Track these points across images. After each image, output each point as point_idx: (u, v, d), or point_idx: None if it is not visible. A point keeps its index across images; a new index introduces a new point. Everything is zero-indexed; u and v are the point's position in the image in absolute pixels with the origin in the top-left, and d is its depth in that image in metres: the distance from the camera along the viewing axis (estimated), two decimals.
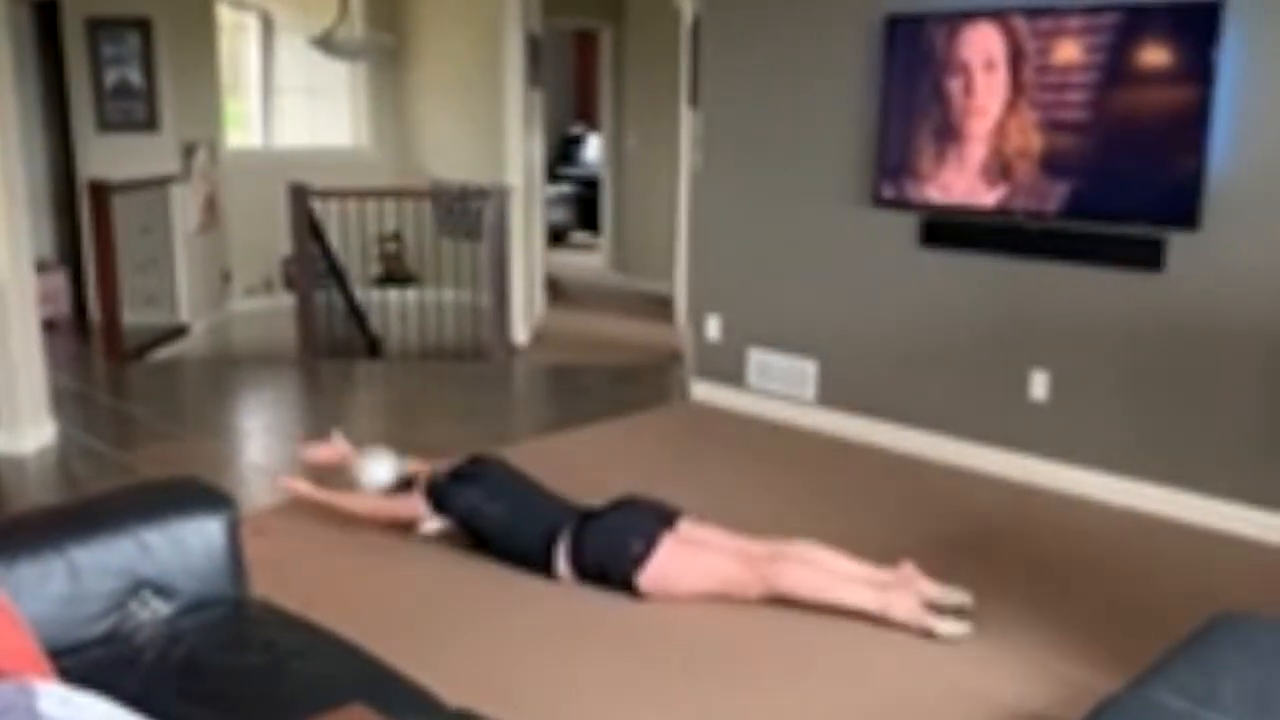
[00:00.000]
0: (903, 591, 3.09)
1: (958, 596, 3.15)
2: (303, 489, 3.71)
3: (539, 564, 3.32)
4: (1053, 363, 4.24)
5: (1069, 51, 3.97)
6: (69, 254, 7.39)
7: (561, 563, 3.29)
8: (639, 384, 5.92)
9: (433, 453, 4.54)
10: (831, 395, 4.93)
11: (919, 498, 4.15)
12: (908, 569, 3.17)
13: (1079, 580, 3.46)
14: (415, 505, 3.51)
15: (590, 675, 2.82)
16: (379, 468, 3.69)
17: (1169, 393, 3.97)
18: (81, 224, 6.97)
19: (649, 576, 3.17)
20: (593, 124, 11.26)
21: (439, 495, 3.47)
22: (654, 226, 8.60)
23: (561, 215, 11.11)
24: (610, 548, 3.22)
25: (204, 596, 2.16)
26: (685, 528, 3.30)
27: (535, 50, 7.02)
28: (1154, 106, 3.82)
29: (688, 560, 3.19)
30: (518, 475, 3.56)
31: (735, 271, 5.26)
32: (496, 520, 3.40)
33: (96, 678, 1.70)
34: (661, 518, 3.29)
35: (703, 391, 5.45)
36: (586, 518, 3.33)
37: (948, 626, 3.03)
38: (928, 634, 3.03)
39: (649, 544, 3.17)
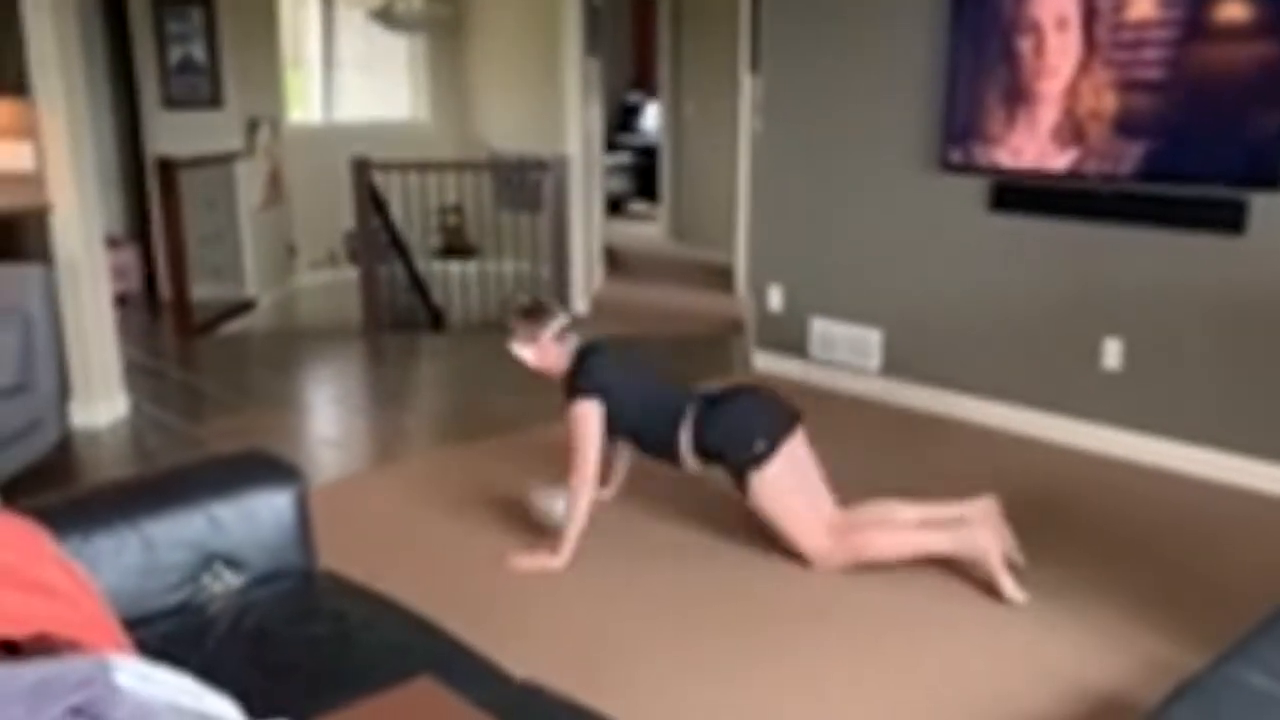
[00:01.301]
0: (983, 528, 3.09)
1: (1018, 556, 3.19)
2: (535, 561, 3.27)
3: (667, 449, 3.31)
4: (1127, 330, 4.12)
5: (1145, 7, 3.83)
6: (138, 230, 7.53)
7: (685, 446, 3.27)
8: (700, 355, 5.89)
9: (499, 422, 4.57)
10: (897, 365, 4.86)
11: (988, 469, 4.07)
12: (989, 501, 3.22)
13: (1158, 553, 3.37)
14: (589, 442, 3.24)
15: (657, 645, 2.81)
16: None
17: (1250, 361, 3.84)
18: (150, 200, 7.09)
19: (764, 478, 3.17)
20: (651, 92, 11.17)
21: (581, 376, 3.32)
22: (713, 195, 8.53)
23: (620, 184, 11.05)
24: (734, 436, 3.22)
25: (274, 568, 2.18)
26: (799, 440, 3.27)
27: (593, 18, 6.96)
28: (1235, 63, 3.67)
29: (797, 482, 3.21)
30: (639, 359, 3.53)
31: (797, 240, 5.19)
32: (626, 403, 3.32)
33: (170, 648, 1.73)
34: (784, 421, 3.26)
35: (765, 362, 5.41)
36: (709, 402, 3.31)
37: (1012, 588, 3.02)
38: (992, 587, 3.03)
39: (772, 445, 3.18)
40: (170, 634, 1.94)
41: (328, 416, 5.07)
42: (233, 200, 7.04)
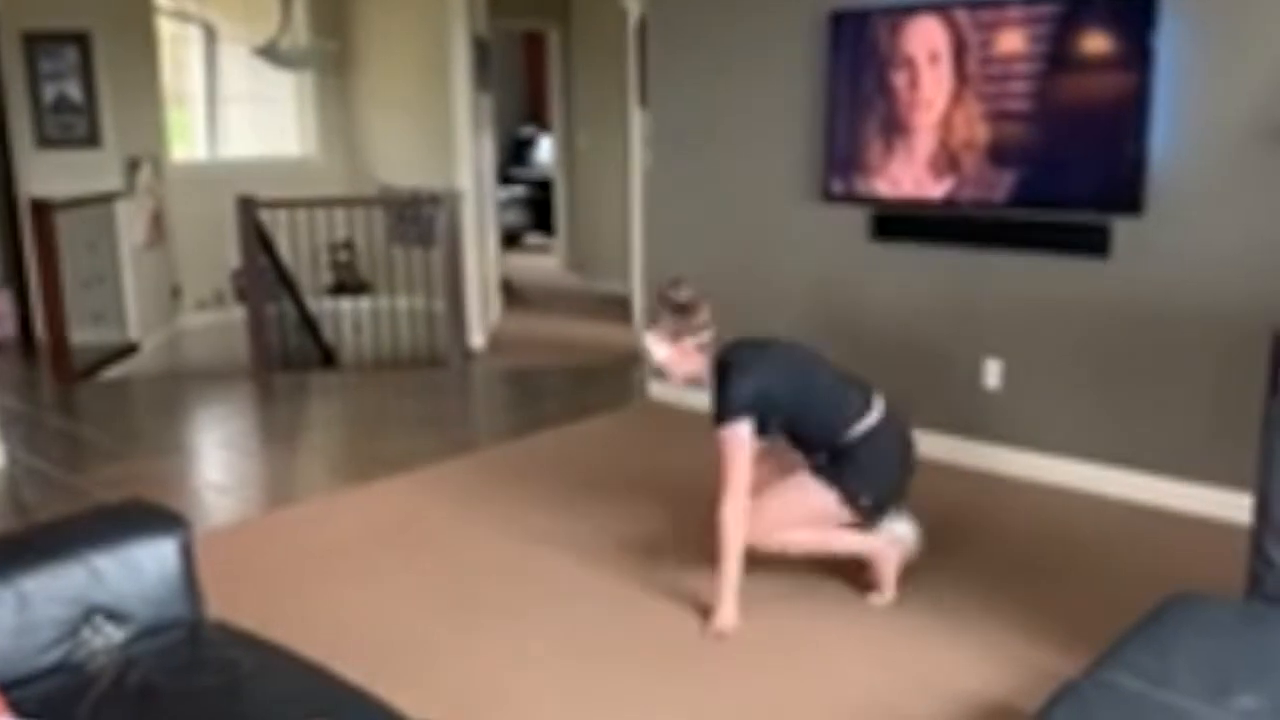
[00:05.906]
0: (888, 539, 3.21)
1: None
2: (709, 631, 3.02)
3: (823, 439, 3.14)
4: (1005, 350, 4.28)
5: (1011, 42, 4.01)
6: (12, 273, 7.25)
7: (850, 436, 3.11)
8: (598, 385, 5.91)
9: (392, 461, 4.51)
10: None
11: None
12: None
13: (1038, 564, 3.49)
14: (739, 469, 2.97)
15: (555, 693, 2.81)
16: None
17: (1120, 377, 4.02)
18: (24, 243, 6.84)
19: (819, 486, 3.09)
20: (544, 125, 11.23)
21: (724, 395, 3.04)
22: (608, 226, 8.59)
23: (515, 218, 11.07)
24: (867, 471, 3.09)
25: (159, 620, 2.11)
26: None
27: (483, 53, 6.99)
28: (1095, 94, 3.87)
29: (816, 514, 3.12)
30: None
31: (689, 270, 5.22)
32: (783, 402, 3.10)
33: (48, 710, 1.67)
34: (899, 494, 3.23)
35: (660, 391, 5.45)
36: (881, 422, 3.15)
37: (887, 597, 3.17)
38: (868, 588, 3.19)
39: (876, 511, 3.14)
40: (48, 694, 1.87)
41: (216, 461, 4.94)
42: (113, 241, 6.84)
